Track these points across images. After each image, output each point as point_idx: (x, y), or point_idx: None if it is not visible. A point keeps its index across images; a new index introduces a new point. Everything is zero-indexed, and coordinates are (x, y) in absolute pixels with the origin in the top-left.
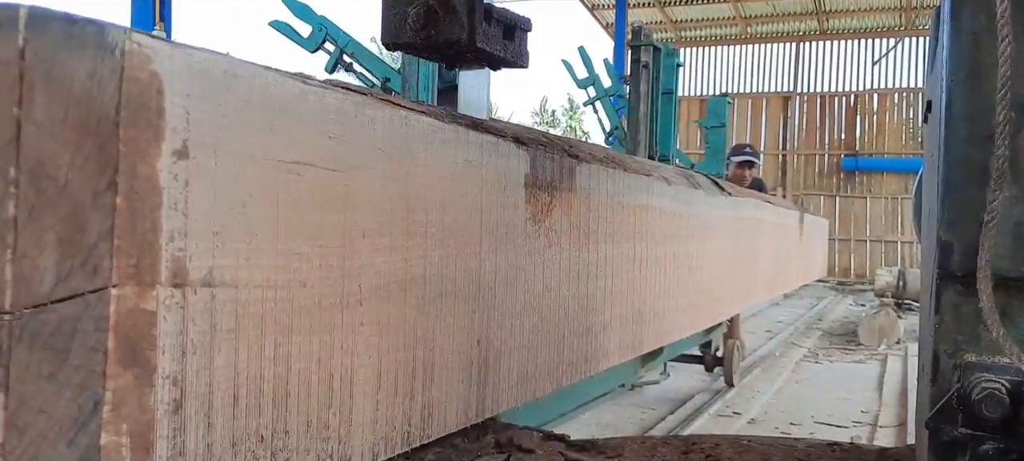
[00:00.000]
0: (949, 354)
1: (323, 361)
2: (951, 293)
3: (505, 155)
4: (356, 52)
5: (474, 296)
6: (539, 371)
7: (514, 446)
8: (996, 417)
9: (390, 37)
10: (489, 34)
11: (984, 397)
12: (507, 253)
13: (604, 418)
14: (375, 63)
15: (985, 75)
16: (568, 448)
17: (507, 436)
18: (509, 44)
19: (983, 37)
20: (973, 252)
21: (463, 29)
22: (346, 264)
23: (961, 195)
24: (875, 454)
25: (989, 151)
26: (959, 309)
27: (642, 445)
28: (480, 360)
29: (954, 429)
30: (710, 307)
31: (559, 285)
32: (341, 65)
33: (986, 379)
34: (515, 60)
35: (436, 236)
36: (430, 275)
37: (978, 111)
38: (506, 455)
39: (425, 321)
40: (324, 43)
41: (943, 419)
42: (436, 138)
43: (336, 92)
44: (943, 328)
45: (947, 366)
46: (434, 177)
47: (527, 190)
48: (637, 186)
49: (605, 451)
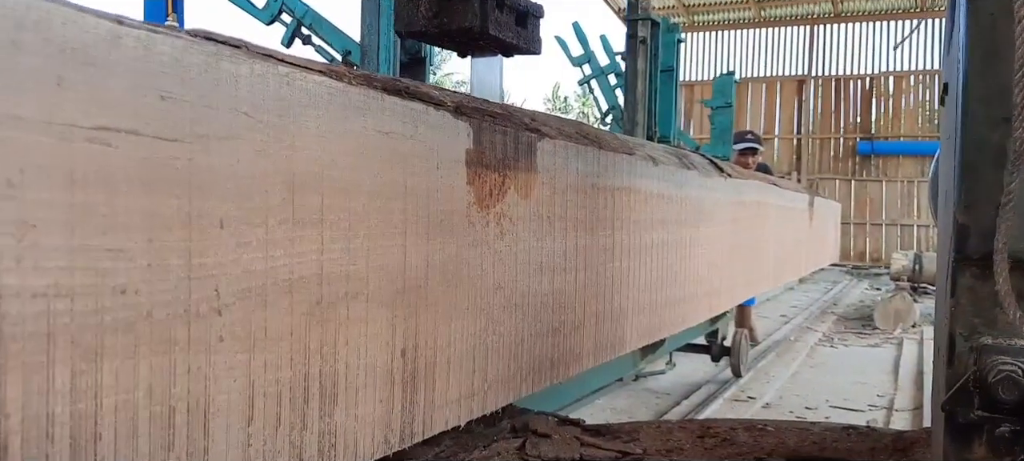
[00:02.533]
0: (965, 337)
1: (157, 390)
2: (967, 276)
3: (438, 126)
4: (315, 23)
5: (396, 297)
6: (490, 382)
7: (529, 430)
8: (1013, 399)
9: (403, 25)
10: (502, 21)
11: (1001, 380)
12: (443, 244)
13: (618, 403)
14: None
15: (1002, 57)
16: (583, 432)
17: (522, 421)
18: (522, 31)
19: (1000, 19)
20: (990, 235)
21: (476, 17)
22: (194, 262)
23: (978, 177)
24: (891, 438)
25: (1006, 133)
26: (975, 292)
27: (657, 429)
28: (406, 374)
29: (970, 412)
30: (706, 299)
31: (515, 281)
32: (299, 37)
33: (1002, 362)
34: (528, 47)
35: (338, 225)
36: (331, 273)
37: (995, 93)
38: (522, 439)
39: (323, 330)
40: (280, 14)
41: (959, 402)
42: (336, 103)
43: (175, 38)
44: (959, 311)
45: (963, 349)
46: (334, 151)
47: (470, 169)
48: (617, 166)
49: (620, 435)
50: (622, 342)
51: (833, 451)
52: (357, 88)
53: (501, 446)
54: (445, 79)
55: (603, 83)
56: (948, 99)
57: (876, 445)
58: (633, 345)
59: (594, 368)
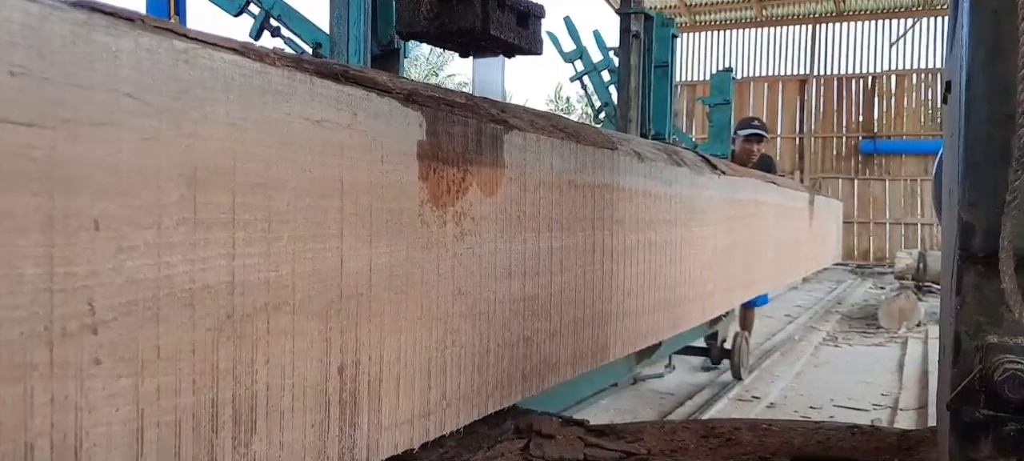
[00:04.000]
0: (970, 335)
1: (7, 425)
2: (972, 274)
3: (382, 115)
4: (284, 14)
5: (331, 307)
6: (449, 399)
7: (533, 431)
8: (1018, 398)
9: (404, 26)
10: (503, 22)
11: (1006, 378)
12: (390, 247)
13: (622, 404)
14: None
15: (1005, 54)
16: (587, 433)
17: (526, 422)
18: (523, 31)
19: (1003, 16)
20: (994, 233)
21: (477, 17)
22: (58, 272)
23: (982, 175)
24: (896, 437)
25: (1010, 131)
26: (981, 290)
27: (661, 430)
28: (345, 393)
29: (976, 411)
30: (698, 302)
31: (479, 286)
32: (268, 29)
33: (1008, 360)
34: (529, 47)
35: (255, 226)
36: (246, 282)
37: (998, 91)
38: (526, 440)
39: (237, 347)
40: (248, 5)
41: (965, 401)
42: (252, 86)
43: (30, 3)
44: (964, 309)
45: (969, 347)
46: (249, 142)
47: (423, 163)
48: (597, 162)
49: (624, 435)
50: (605, 350)
51: (838, 451)
52: (279, 70)
53: (505, 447)
54: (447, 80)
55: (596, 79)
56: (951, 97)
57: (881, 444)
58: (618, 353)
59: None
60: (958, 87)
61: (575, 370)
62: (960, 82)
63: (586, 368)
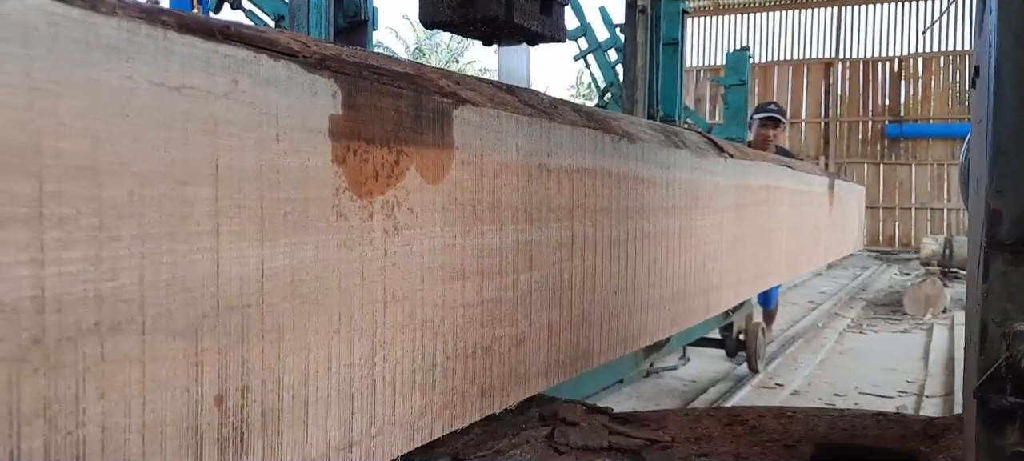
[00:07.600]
0: (997, 323)
1: None
2: (1000, 261)
3: (276, 82)
4: None
5: (203, 323)
6: (380, 425)
7: (558, 419)
8: None
9: (428, 15)
10: (526, 9)
11: None
12: (290, 245)
13: (644, 391)
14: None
15: None
16: (612, 421)
17: (551, 410)
18: (546, 19)
19: None
20: (1022, 220)
21: (501, 5)
22: None
23: (1010, 162)
24: (922, 424)
25: None
26: (1008, 277)
27: (685, 417)
28: (226, 429)
29: (1003, 398)
30: (701, 297)
31: (420, 290)
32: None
33: None
34: (552, 35)
35: (78, 222)
36: (62, 297)
37: None
38: (551, 428)
39: (51, 382)
40: None
41: (991, 388)
42: (70, 39)
43: None
44: (991, 297)
45: (995, 335)
46: (65, 113)
47: (338, 142)
48: (576, 143)
49: (648, 423)
50: (587, 356)
51: (863, 438)
52: (114, 19)
53: (530, 434)
54: (467, 67)
55: (601, 58)
56: (979, 82)
57: (907, 432)
58: (603, 358)
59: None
60: (986, 73)
61: (549, 380)
62: (988, 67)
63: (564, 377)
